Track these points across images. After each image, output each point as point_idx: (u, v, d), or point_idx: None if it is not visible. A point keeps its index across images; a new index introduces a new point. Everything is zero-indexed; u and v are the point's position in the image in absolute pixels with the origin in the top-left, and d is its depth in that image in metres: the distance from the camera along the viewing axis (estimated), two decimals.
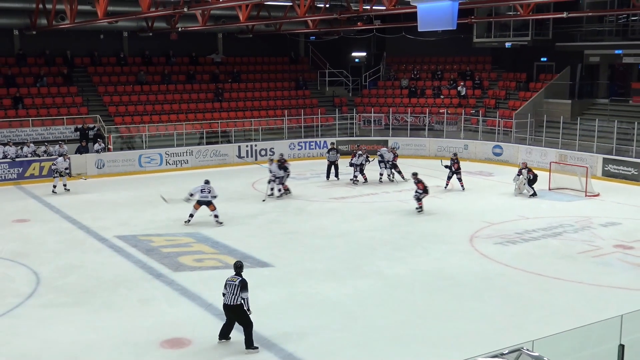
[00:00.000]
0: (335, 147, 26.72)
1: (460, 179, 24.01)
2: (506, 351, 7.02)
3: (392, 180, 25.49)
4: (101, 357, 10.83)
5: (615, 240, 17.60)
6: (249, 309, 10.85)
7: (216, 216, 18.96)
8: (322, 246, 17.09)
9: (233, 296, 10.72)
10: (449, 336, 11.59)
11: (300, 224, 19.46)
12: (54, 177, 23.58)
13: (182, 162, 28.69)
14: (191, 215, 18.98)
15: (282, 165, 23.04)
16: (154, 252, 16.42)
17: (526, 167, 23.22)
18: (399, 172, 25.40)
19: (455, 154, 24.79)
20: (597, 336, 8.45)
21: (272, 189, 22.65)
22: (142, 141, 28.77)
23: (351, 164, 25.35)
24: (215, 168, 28.79)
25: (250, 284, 14.07)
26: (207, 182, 19.07)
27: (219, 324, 12.00)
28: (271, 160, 23.30)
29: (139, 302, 13.24)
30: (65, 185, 23.71)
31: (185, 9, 20.55)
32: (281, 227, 19.01)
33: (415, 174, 20.93)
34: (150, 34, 30.89)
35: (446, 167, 23.98)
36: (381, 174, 25.59)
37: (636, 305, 10.36)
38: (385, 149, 26.62)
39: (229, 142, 30.41)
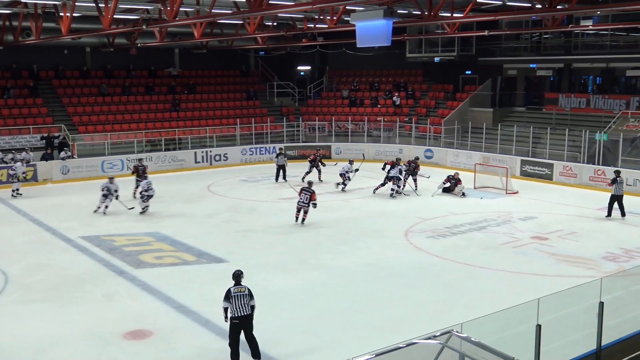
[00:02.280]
0: (283, 152, 26.65)
1: (415, 180, 24.01)
2: (438, 333, 7.08)
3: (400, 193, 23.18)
4: (69, 348, 10.58)
5: (532, 232, 18.01)
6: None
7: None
8: (273, 242, 17.03)
9: (244, 306, 9.83)
10: (388, 321, 11.67)
11: (252, 222, 19.34)
12: (12, 182, 22.91)
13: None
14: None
15: (141, 174, 21.97)
16: (117, 251, 16.10)
17: (455, 178, 23.38)
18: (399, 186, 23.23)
19: (417, 158, 24.99)
20: (517, 317, 8.60)
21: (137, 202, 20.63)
22: (105, 148, 28.22)
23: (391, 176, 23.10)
24: (173, 172, 28.45)
25: (207, 279, 14.04)
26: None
27: (177, 315, 11.89)
28: (111, 178, 20.49)
29: (104, 297, 12.97)
30: (17, 189, 22.98)
31: (144, 27, 20.22)
32: (235, 226, 18.86)
33: (310, 183, 19.53)
34: (112, 49, 30.31)
35: (405, 171, 23.81)
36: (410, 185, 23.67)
37: (551, 289, 10.60)
38: (401, 167, 23.38)
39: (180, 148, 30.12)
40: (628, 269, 14.35)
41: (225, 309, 9.91)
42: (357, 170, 24.37)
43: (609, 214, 19.62)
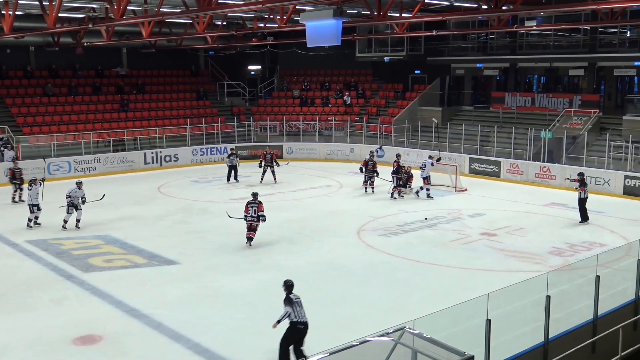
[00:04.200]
0: (234, 152, 26.48)
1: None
2: (391, 330, 7.14)
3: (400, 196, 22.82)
4: (16, 356, 10.27)
5: (481, 228, 18.34)
6: None
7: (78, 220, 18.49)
8: (225, 243, 16.91)
9: (304, 313, 9.79)
10: (341, 319, 11.73)
11: (204, 223, 19.16)
12: None
13: (90, 169, 27.63)
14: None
15: (18, 177, 21.85)
16: (65, 255, 15.73)
17: (408, 172, 23.48)
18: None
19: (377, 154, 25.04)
20: (468, 312, 8.74)
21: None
22: (51, 150, 27.51)
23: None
24: (122, 174, 27.94)
25: (159, 281, 13.87)
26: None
27: (128, 319, 11.69)
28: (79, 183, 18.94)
29: (51, 302, 12.65)
30: None
31: (90, 25, 19.75)
32: (187, 227, 18.65)
33: (255, 194, 17.21)
34: (57, 49, 29.61)
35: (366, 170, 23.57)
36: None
37: (500, 284, 10.81)
38: (429, 160, 23.12)
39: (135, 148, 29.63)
40: (573, 262, 14.73)
41: (288, 314, 9.77)
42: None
43: (584, 219, 18.99)
